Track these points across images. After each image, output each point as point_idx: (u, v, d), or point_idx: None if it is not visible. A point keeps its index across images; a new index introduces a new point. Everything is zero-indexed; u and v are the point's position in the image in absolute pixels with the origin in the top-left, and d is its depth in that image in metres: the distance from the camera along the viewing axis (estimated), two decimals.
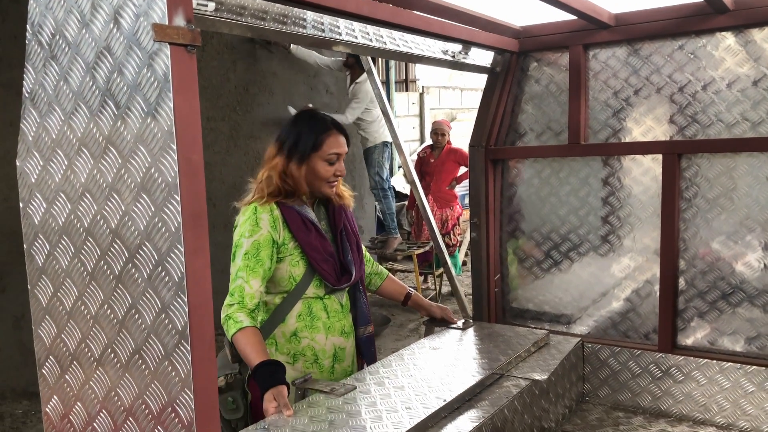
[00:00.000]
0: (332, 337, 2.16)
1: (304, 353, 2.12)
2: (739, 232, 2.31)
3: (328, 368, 2.17)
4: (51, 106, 1.21)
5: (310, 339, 2.12)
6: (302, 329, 2.11)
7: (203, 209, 1.08)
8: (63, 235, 1.22)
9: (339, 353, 2.19)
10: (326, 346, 2.15)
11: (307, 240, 2.07)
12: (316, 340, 2.13)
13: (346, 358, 2.21)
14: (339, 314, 2.19)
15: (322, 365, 2.15)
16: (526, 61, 2.73)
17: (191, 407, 1.06)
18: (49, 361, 1.30)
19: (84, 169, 1.17)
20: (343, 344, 2.20)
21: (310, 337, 2.12)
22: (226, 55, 6.05)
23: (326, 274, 2.10)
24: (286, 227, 2.06)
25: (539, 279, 2.77)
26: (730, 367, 2.30)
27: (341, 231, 2.19)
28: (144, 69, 1.06)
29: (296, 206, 2.09)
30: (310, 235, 2.08)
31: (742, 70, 2.28)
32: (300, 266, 2.08)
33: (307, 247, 2.06)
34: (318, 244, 2.09)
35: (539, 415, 2.22)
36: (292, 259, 2.07)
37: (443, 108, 13.04)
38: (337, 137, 2.12)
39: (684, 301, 2.43)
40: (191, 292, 1.05)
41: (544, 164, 2.71)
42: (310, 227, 2.09)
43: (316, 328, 2.13)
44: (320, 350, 2.14)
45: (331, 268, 2.12)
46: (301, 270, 2.09)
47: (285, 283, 2.09)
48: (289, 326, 2.10)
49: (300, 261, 2.08)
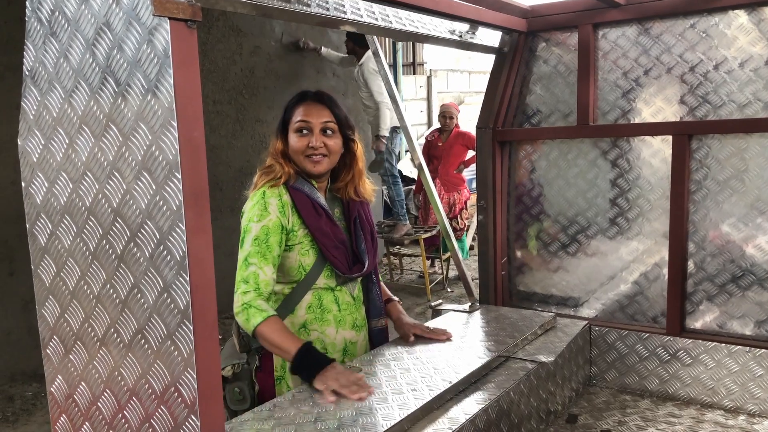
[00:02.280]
0: (343, 330, 2.08)
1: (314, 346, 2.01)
2: (750, 214, 2.28)
3: (339, 362, 2.04)
4: (51, 83, 1.19)
5: (320, 332, 2.04)
6: (312, 321, 2.03)
7: (204, 188, 1.07)
8: (65, 214, 1.21)
9: (349, 347, 2.11)
10: (336, 339, 2.07)
11: (317, 225, 1.98)
12: (326, 334, 2.05)
13: (357, 352, 2.13)
14: (351, 307, 2.11)
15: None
16: (535, 41, 2.69)
17: (194, 387, 1.05)
18: (53, 341, 1.29)
19: (85, 147, 1.16)
20: (354, 338, 2.11)
21: (320, 330, 2.04)
22: (232, 38, 6.01)
23: (337, 262, 2.01)
24: (295, 212, 1.98)
25: (546, 262, 2.75)
26: (739, 350, 2.28)
27: (355, 219, 2.10)
28: (144, 45, 1.04)
29: (306, 190, 2.00)
30: (320, 220, 1.99)
31: (755, 49, 2.24)
32: (310, 255, 2.00)
33: (317, 233, 1.98)
34: (329, 230, 2.01)
35: (545, 397, 2.21)
36: (302, 248, 1.99)
37: (451, 91, 12.95)
38: (308, 106, 1.99)
39: (693, 284, 2.41)
40: (193, 271, 1.04)
41: (552, 146, 2.68)
42: (321, 212, 2.00)
43: (327, 321, 2.05)
44: (330, 344, 2.06)
45: (342, 255, 2.02)
46: (312, 259, 2.00)
47: (295, 273, 2.01)
48: (298, 318, 2.03)
49: (310, 249, 2.00)
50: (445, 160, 6.87)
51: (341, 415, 1.71)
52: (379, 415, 1.70)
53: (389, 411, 1.72)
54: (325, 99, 2.02)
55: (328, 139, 1.99)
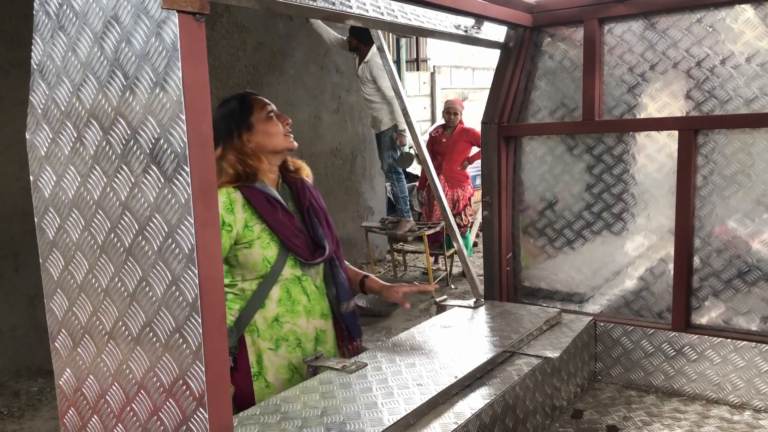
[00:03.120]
0: (313, 320, 2.14)
1: (287, 338, 2.09)
2: (757, 209, 2.28)
3: (311, 352, 2.13)
4: (59, 77, 1.19)
5: (292, 323, 2.09)
6: (283, 314, 2.09)
7: (213, 180, 1.07)
8: (73, 208, 1.22)
9: (321, 336, 2.17)
10: (308, 329, 2.12)
11: (274, 217, 2.03)
12: (298, 324, 2.10)
13: (327, 341, 2.19)
14: (317, 296, 2.16)
15: (305, 349, 2.12)
16: (540, 36, 2.69)
17: (202, 379, 1.06)
18: (62, 334, 1.30)
19: (93, 140, 1.16)
20: (323, 326, 2.18)
21: (292, 322, 2.09)
22: (236, 34, 6.02)
23: (299, 250, 2.06)
24: (248, 208, 2.02)
25: (551, 257, 2.75)
26: (745, 345, 2.28)
27: (308, 208, 2.16)
28: (152, 38, 1.04)
29: (262, 187, 2.05)
30: (276, 212, 2.04)
31: (761, 44, 2.23)
32: (272, 247, 2.05)
33: (275, 225, 2.03)
34: (286, 220, 2.06)
35: (551, 393, 2.21)
36: (263, 242, 2.03)
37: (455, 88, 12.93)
38: (259, 98, 2.12)
39: (698, 279, 2.40)
40: (202, 264, 1.04)
41: (558, 141, 2.67)
42: (275, 204, 2.06)
43: (297, 312, 2.10)
44: (302, 334, 2.11)
45: (303, 243, 2.08)
46: (274, 251, 2.05)
47: (260, 267, 2.05)
48: (269, 312, 2.07)
49: (271, 242, 2.05)
50: (449, 157, 6.87)
51: (347, 410, 1.71)
52: (385, 409, 1.71)
53: (395, 406, 1.73)
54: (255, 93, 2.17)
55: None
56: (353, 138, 7.65)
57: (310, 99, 6.92)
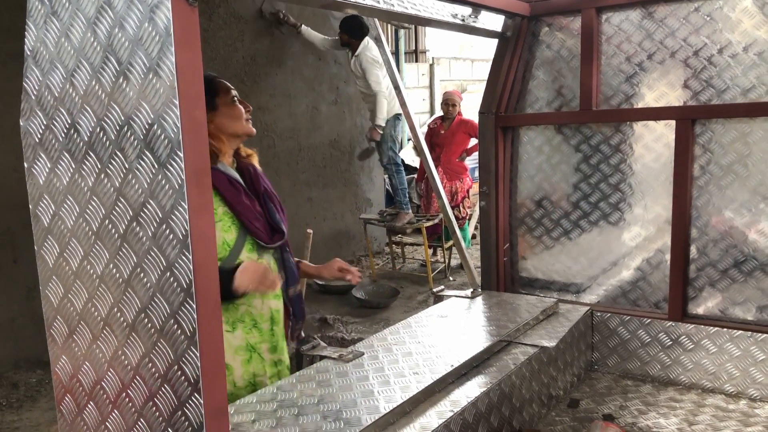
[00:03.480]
0: (267, 300, 2.14)
1: (243, 319, 2.09)
2: (753, 199, 2.28)
3: (268, 331, 2.14)
4: (53, 63, 1.19)
5: (248, 305, 2.09)
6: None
7: (206, 166, 1.07)
8: (68, 194, 1.21)
9: (275, 315, 2.17)
10: (263, 310, 2.13)
11: (238, 199, 2.04)
12: (253, 305, 2.11)
13: (281, 320, 2.20)
14: None
15: (261, 329, 2.13)
16: (538, 26, 2.68)
17: (197, 365, 1.06)
18: (57, 321, 1.30)
19: (87, 127, 1.16)
20: (277, 307, 2.18)
21: (248, 303, 2.09)
22: (233, 25, 5.99)
23: (259, 233, 2.07)
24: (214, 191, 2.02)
25: (549, 248, 2.75)
26: (741, 335, 2.28)
27: (263, 193, 2.16)
28: (145, 23, 1.04)
29: (224, 169, 2.06)
30: (239, 195, 2.05)
31: (759, 33, 2.23)
32: (232, 231, 2.05)
33: (239, 206, 2.04)
34: (248, 203, 2.07)
35: (547, 382, 2.22)
36: (224, 225, 2.04)
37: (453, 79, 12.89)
38: (222, 82, 2.11)
39: (695, 269, 2.41)
40: (195, 249, 1.04)
41: (555, 131, 2.67)
42: (239, 187, 2.07)
43: (252, 294, 2.07)
44: (258, 315, 2.12)
45: (262, 226, 2.09)
46: (234, 234, 2.06)
47: (220, 251, 2.04)
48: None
49: (232, 225, 2.05)
50: (448, 148, 6.85)
51: (344, 398, 1.72)
52: (381, 398, 1.71)
53: (391, 394, 1.73)
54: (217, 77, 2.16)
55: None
56: (352, 129, 7.63)
57: (308, 90, 6.90)
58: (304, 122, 6.86)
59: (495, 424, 1.89)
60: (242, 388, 2.12)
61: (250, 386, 2.11)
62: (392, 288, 6.22)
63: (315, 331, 5.16)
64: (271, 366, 2.16)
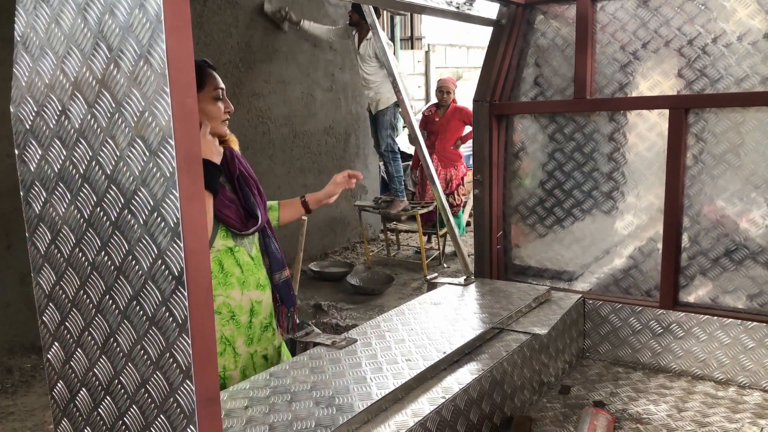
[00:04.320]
0: (248, 291, 2.10)
1: (220, 311, 2.05)
2: (745, 188, 2.29)
3: (246, 324, 2.11)
4: (43, 49, 1.18)
5: (225, 296, 2.06)
6: (216, 287, 2.04)
7: (198, 154, 1.06)
8: (59, 181, 1.21)
9: (255, 307, 2.13)
10: (242, 302, 2.09)
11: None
12: (231, 297, 2.07)
13: (262, 311, 2.16)
14: (252, 267, 2.12)
15: (239, 321, 2.09)
16: (532, 14, 2.67)
17: (189, 352, 1.06)
18: (49, 308, 1.30)
19: (78, 114, 1.15)
20: (259, 297, 2.14)
21: (225, 294, 2.06)
22: (228, 10, 5.95)
23: (230, 220, 2.02)
24: None
25: (542, 236, 2.76)
26: (731, 323, 2.30)
27: (237, 176, 2.10)
28: (136, 9, 1.03)
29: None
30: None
31: (753, 22, 2.23)
32: None
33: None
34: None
35: (539, 369, 2.24)
36: None
37: (449, 67, 12.85)
38: (213, 74, 2.05)
39: (687, 258, 2.42)
40: (187, 237, 1.04)
41: (549, 119, 2.67)
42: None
43: (231, 285, 2.07)
44: (236, 306, 2.08)
45: (234, 213, 2.04)
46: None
47: None
48: None
49: None
50: (442, 136, 6.85)
51: (336, 384, 1.73)
52: (373, 384, 1.72)
53: (384, 380, 1.75)
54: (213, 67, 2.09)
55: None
56: (347, 116, 7.61)
57: (303, 77, 6.87)
58: (299, 109, 6.84)
59: (486, 411, 1.91)
60: None
61: (220, 380, 2.05)
62: (387, 275, 6.25)
63: (309, 318, 5.18)
64: (246, 359, 2.12)
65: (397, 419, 1.62)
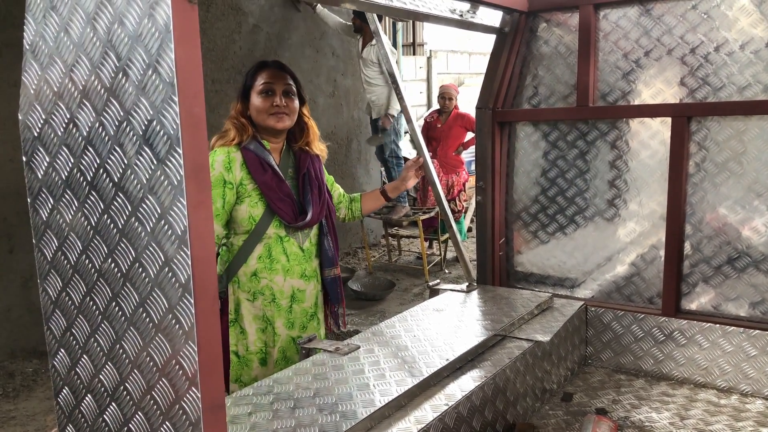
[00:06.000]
0: (291, 279, 2.30)
1: (263, 292, 2.27)
2: (747, 196, 2.29)
3: (286, 308, 2.31)
4: (52, 58, 1.19)
5: (269, 280, 2.26)
6: (261, 270, 2.25)
7: (205, 162, 1.07)
8: (66, 189, 1.22)
9: (297, 295, 2.32)
10: (284, 287, 2.29)
11: (263, 179, 2.19)
12: (274, 281, 2.27)
13: (306, 300, 2.35)
14: (299, 258, 2.31)
15: (279, 305, 2.29)
16: (535, 22, 2.68)
17: (195, 359, 1.07)
18: (56, 315, 1.30)
19: (86, 122, 1.16)
20: (302, 287, 2.33)
21: (269, 278, 2.26)
22: (231, 16, 5.97)
23: (282, 213, 2.22)
24: (244, 168, 2.20)
25: (544, 243, 2.76)
26: (734, 331, 2.30)
27: (304, 174, 2.31)
28: (145, 19, 1.04)
29: (258, 151, 2.21)
30: (265, 175, 2.20)
31: (755, 31, 2.24)
32: (259, 207, 2.21)
33: (263, 187, 2.19)
34: (274, 184, 2.21)
35: (541, 376, 2.24)
36: (251, 200, 2.20)
37: (451, 73, 12.87)
38: (270, 70, 2.25)
39: (689, 265, 2.42)
40: (194, 245, 1.05)
41: (552, 127, 2.68)
42: (267, 168, 2.21)
43: (275, 270, 2.26)
44: (278, 291, 2.28)
45: (287, 207, 2.23)
46: (260, 210, 2.21)
47: (246, 224, 2.22)
48: (250, 267, 2.25)
49: (259, 202, 2.21)
50: (444, 142, 6.86)
51: (340, 391, 1.73)
52: (377, 391, 1.73)
53: (387, 387, 1.75)
54: (284, 66, 2.30)
55: (289, 100, 2.27)
56: (349, 122, 7.63)
57: (305, 82, 6.89)
58: None
59: (489, 418, 1.91)
60: (254, 353, 2.30)
61: (261, 353, 2.30)
62: (388, 280, 6.25)
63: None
64: (287, 341, 2.32)
65: (400, 426, 1.62)
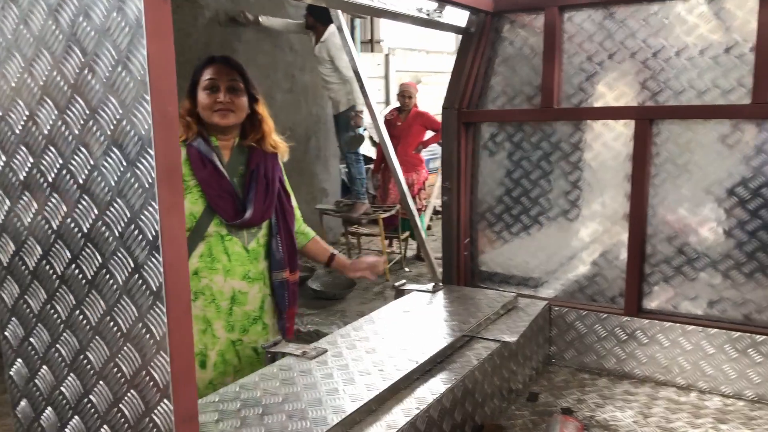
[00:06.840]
0: (231, 280, 2.22)
1: (204, 292, 2.19)
2: (705, 198, 2.35)
3: (226, 310, 2.23)
4: (9, 51, 1.12)
5: (209, 279, 2.19)
6: (202, 269, 2.18)
7: (178, 164, 1.02)
8: (25, 190, 1.15)
9: (239, 297, 2.24)
10: (224, 288, 2.21)
11: (202, 176, 2.14)
12: (214, 281, 2.20)
13: (248, 302, 2.27)
14: (243, 258, 2.23)
15: (219, 306, 2.21)
16: (501, 22, 2.69)
17: (167, 370, 1.02)
18: (12, 322, 1.23)
19: (47, 120, 1.10)
20: (245, 288, 2.25)
21: (209, 278, 2.19)
22: (186, 9, 5.83)
23: (221, 210, 2.16)
24: (187, 165, 2.14)
25: (508, 243, 2.78)
26: (693, 330, 2.36)
27: (252, 171, 2.24)
28: (114, 13, 0.98)
29: (201, 147, 2.16)
30: (204, 171, 2.15)
31: (714, 37, 2.29)
32: (199, 204, 2.15)
33: (202, 183, 2.14)
34: (213, 181, 2.16)
35: (508, 376, 2.25)
36: (192, 197, 2.15)
37: (409, 70, 12.89)
38: (216, 66, 2.19)
39: (650, 265, 2.47)
40: (166, 250, 1.00)
41: (516, 128, 2.69)
42: (207, 164, 2.15)
43: (215, 270, 2.19)
44: (218, 291, 2.20)
45: (227, 204, 2.17)
46: (200, 207, 2.15)
47: (187, 221, 2.15)
48: (192, 265, 2.18)
49: (199, 199, 2.15)
50: (404, 140, 6.86)
51: (309, 396, 1.70)
52: (346, 395, 1.70)
53: (357, 391, 1.72)
54: (231, 62, 2.23)
55: (234, 96, 2.19)
56: (307, 118, 7.55)
57: (262, 78, 6.78)
58: None
59: (459, 420, 1.90)
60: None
61: (200, 356, 2.21)
62: (348, 279, 6.20)
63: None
64: (226, 344, 2.23)
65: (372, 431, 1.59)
